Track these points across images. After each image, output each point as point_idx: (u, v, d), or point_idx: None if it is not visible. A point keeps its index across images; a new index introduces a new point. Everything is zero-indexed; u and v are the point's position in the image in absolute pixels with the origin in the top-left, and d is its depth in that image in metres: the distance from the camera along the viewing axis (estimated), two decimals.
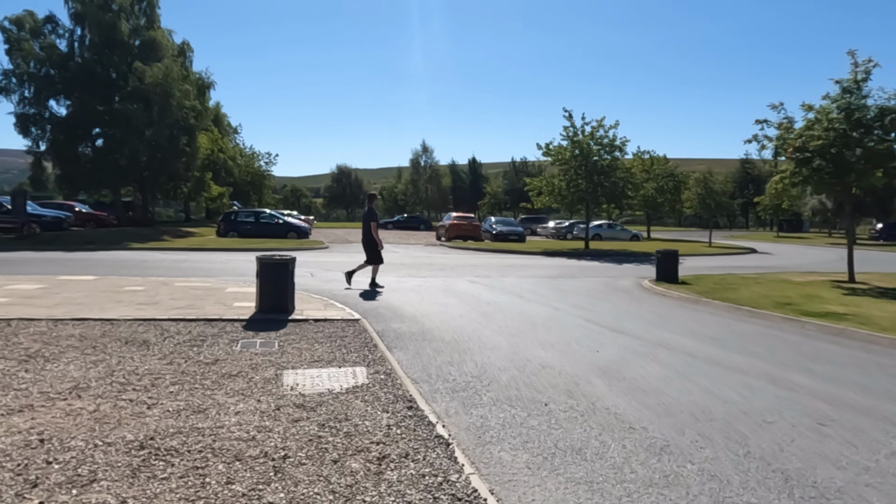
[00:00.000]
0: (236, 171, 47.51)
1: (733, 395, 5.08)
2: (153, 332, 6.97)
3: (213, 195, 36.92)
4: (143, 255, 18.53)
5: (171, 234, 28.57)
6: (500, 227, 33.70)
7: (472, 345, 6.86)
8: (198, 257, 18.43)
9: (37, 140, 27.87)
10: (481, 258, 22.14)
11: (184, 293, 9.96)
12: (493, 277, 15.11)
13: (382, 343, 6.75)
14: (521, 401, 4.71)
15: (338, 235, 37.25)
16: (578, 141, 27.36)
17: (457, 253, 24.96)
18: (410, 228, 55.21)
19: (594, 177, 27.18)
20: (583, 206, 29.32)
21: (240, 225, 28.95)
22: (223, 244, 23.38)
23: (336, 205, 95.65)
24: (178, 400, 4.52)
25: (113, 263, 15.69)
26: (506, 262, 20.23)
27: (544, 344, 7.03)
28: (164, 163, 27.68)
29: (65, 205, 31.25)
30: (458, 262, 19.87)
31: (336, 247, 26.39)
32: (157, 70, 26.44)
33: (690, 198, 36.70)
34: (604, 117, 27.01)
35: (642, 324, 8.73)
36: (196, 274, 13.62)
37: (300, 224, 31.08)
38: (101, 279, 11.67)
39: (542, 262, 21.25)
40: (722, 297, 11.58)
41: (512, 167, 73.01)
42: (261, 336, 7.02)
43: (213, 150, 35.61)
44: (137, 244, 22.12)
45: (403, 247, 28.38)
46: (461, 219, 33.24)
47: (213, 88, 33.00)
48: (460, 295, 11.43)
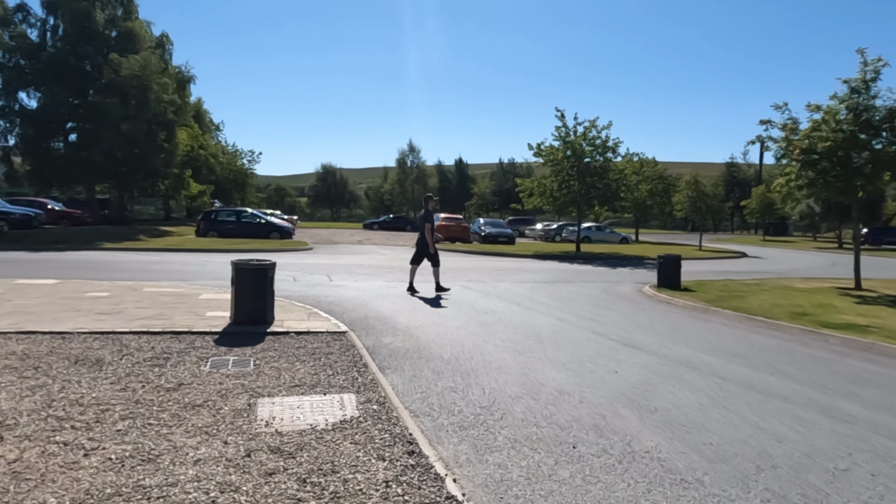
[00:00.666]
0: (218, 169, 46.31)
1: (786, 430, 4.36)
2: (110, 348, 6.09)
3: (192, 193, 35.73)
4: (114, 256, 17.49)
5: (147, 233, 27.43)
6: (489, 229, 33.01)
7: (475, 364, 6.08)
8: (173, 259, 17.44)
9: (5, 134, 26.59)
10: (472, 261, 21.39)
11: (152, 300, 9.05)
12: (486, 282, 14.36)
13: (374, 362, 5.95)
14: (543, 441, 3.94)
15: (322, 236, 36.30)
16: (571, 141, 26.73)
17: (446, 255, 24.14)
18: (397, 229, 54.35)
19: (587, 178, 26.57)
20: (574, 208, 28.70)
21: (220, 224, 27.90)
22: (201, 245, 22.35)
23: (321, 204, 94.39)
24: (126, 442, 3.68)
25: (81, 265, 14.67)
26: (498, 266, 19.50)
27: (555, 363, 6.28)
28: (141, 159, 26.52)
29: (36, 202, 29.96)
30: (449, 265, 19.08)
31: (320, 248, 25.47)
32: (133, 62, 25.30)
33: (681, 200, 36.33)
34: (597, 117, 26.43)
35: (655, 337, 8.01)
36: (169, 277, 12.67)
37: (283, 224, 30.10)
38: (63, 283, 10.69)
39: (534, 265, 20.55)
40: (731, 305, 10.94)
41: (500, 168, 72.42)
42: (234, 353, 6.18)
43: (193, 147, 34.42)
44: (110, 244, 21.03)
45: (391, 248, 27.55)
46: (450, 220, 32.49)
47: (193, 83, 31.90)
48: (455, 303, 10.65)
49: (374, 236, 40.29)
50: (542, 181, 27.88)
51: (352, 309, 9.41)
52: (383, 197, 74.11)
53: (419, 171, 65.01)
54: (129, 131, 25.13)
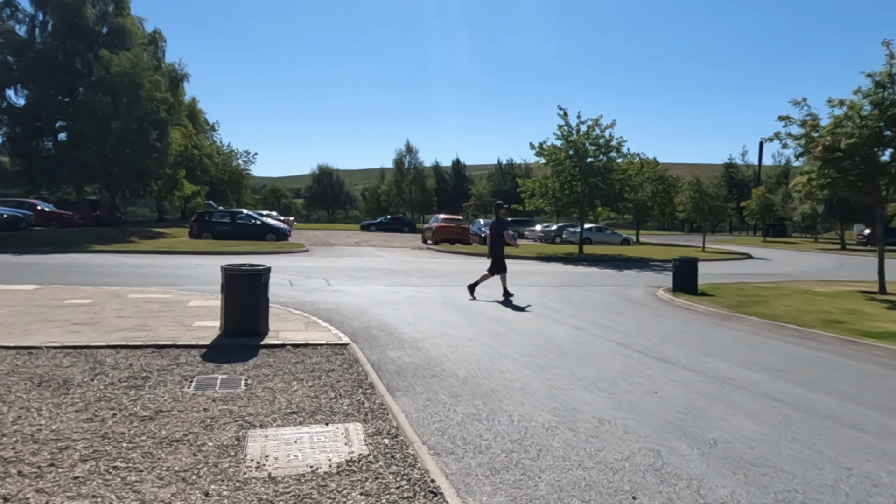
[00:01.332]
0: (213, 170, 45.54)
1: (877, 470, 3.68)
2: (82, 365, 5.38)
3: (186, 194, 34.94)
4: (102, 259, 16.73)
5: (139, 234, 26.64)
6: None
7: (495, 384, 5.39)
8: (163, 262, 16.69)
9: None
10: (474, 263, 20.69)
11: (136, 308, 8.33)
12: (492, 287, 13.66)
13: (381, 382, 5.25)
14: (595, 489, 3.25)
15: (319, 238, 35.57)
16: (573, 141, 26.08)
17: (447, 257, 23.50)
18: (394, 230, 53.63)
19: (589, 178, 25.92)
20: (576, 209, 28.05)
21: (214, 226, 27.14)
22: (194, 247, 21.60)
23: (317, 205, 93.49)
24: (82, 496, 2.97)
25: (65, 268, 13.92)
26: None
27: (584, 382, 5.59)
28: (133, 158, 25.73)
29: (26, 203, 29.15)
30: (451, 267, 18.40)
31: (317, 250, 24.75)
32: (124, 59, 24.53)
33: (683, 201, 35.75)
34: (601, 116, 25.79)
35: (685, 348, 7.34)
36: (157, 282, 11.94)
37: (279, 225, 29.36)
38: (43, 289, 9.96)
39: (538, 268, 19.87)
40: (755, 311, 10.28)
41: (498, 169, 71.76)
42: (223, 370, 5.48)
43: (186, 147, 33.62)
44: (100, 246, 20.25)
45: (389, 250, 26.85)
46: (449, 221, 31.80)
47: (186, 81, 31.10)
48: (462, 309, 9.96)
49: (372, 238, 39.57)
50: (545, 181, 27.23)
51: (352, 317, 8.71)
52: (380, 198, 73.34)
53: (416, 172, 64.27)
54: (120, 130, 24.36)
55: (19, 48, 25.15)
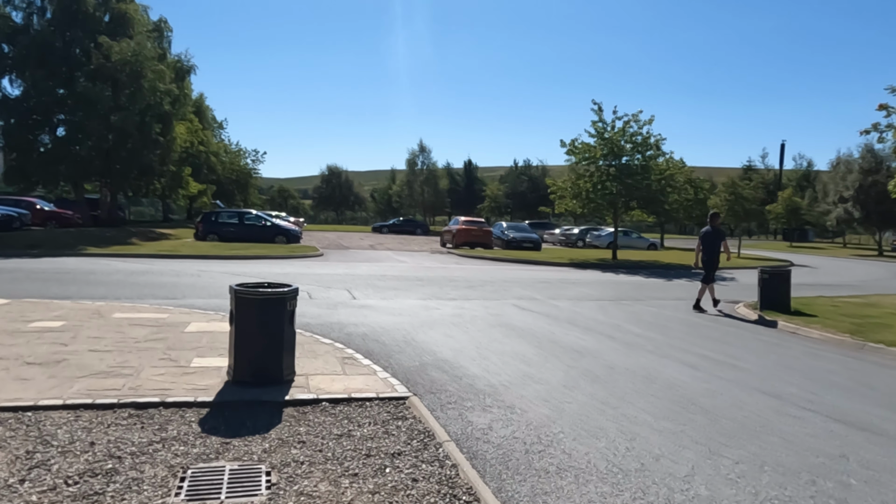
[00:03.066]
0: (220, 169, 43.73)
1: None
2: (15, 446, 3.47)
3: (192, 193, 33.12)
4: (94, 264, 14.88)
5: (141, 236, 24.82)
6: (513, 234, 30.34)
7: (668, 489, 3.42)
8: (163, 267, 14.81)
9: None
10: (505, 270, 18.75)
11: (118, 335, 6.41)
12: (540, 300, 11.73)
13: (486, 486, 3.28)
14: None
15: (330, 240, 33.72)
16: (609, 138, 24.10)
17: (473, 263, 21.55)
18: (406, 233, 51.74)
19: (625, 179, 23.91)
20: (609, 212, 26.04)
21: (221, 227, 25.31)
22: (199, 250, 19.74)
23: (325, 206, 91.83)
24: None
25: (49, 276, 12.05)
26: (538, 277, 16.85)
27: (800, 482, 3.62)
28: (134, 154, 23.88)
29: (24, 201, 27.41)
30: (482, 275, 16.47)
31: (332, 254, 22.86)
32: (126, 46, 22.72)
33: (717, 204, 33.62)
34: (640, 111, 23.80)
35: (862, 402, 5.38)
36: (152, 294, 10.04)
37: (290, 227, 27.50)
38: (10, 305, 8.07)
39: (578, 275, 17.89)
40: (886, 339, 8.27)
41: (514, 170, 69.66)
42: (233, 451, 3.57)
43: (192, 143, 31.78)
44: (95, 249, 18.41)
45: (408, 254, 24.94)
46: (470, 224, 29.81)
47: (194, 73, 29.22)
48: (526, 334, 8.01)
49: (386, 240, 37.69)
50: (577, 182, 25.19)
51: (397, 347, 6.78)
52: (391, 199, 71.34)
53: (429, 173, 62.30)
54: (120, 123, 22.53)
55: (14, 35, 23.39)
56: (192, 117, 32.62)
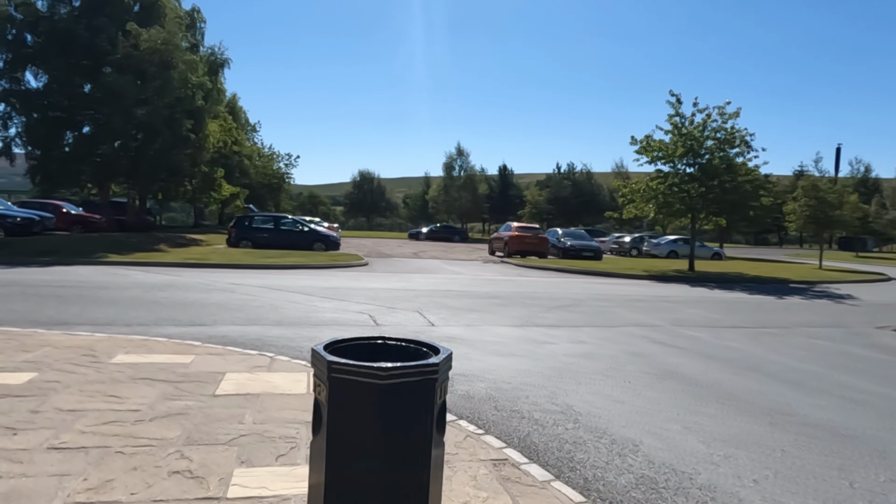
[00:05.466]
0: (252, 172, 41.91)
1: None
2: None
3: (224, 196, 31.15)
4: (109, 275, 12.64)
5: (169, 241, 22.78)
6: (571, 242, 27.54)
7: None
8: (190, 279, 12.49)
9: (5, 120, 22.18)
10: (579, 284, 16.02)
11: (111, 404, 3.90)
12: (663, 326, 9.04)
13: None
14: None
15: (369, 247, 31.38)
16: (687, 134, 21.19)
17: (537, 275, 18.86)
18: (444, 240, 49.32)
19: (708, 180, 20.96)
20: (687, 218, 23.04)
21: (255, 232, 23.18)
22: (231, 258, 17.48)
23: (356, 212, 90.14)
24: None
25: (50, 290, 9.78)
26: (626, 293, 14.06)
27: None
28: (162, 152, 21.86)
29: (50, 205, 25.71)
30: (560, 290, 13.78)
31: (377, 263, 20.42)
32: (156, 33, 20.74)
33: (796, 210, 30.23)
34: (728, 102, 20.85)
35: None
36: (174, 318, 7.61)
37: (328, 233, 25.23)
38: None
39: (670, 291, 15.06)
40: None
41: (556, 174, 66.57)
42: None
43: (226, 143, 29.79)
44: (116, 256, 16.28)
45: (458, 264, 22.38)
46: (525, 230, 27.09)
47: (227, 67, 27.17)
48: (719, 393, 5.31)
49: (426, 248, 35.25)
50: (651, 184, 22.28)
51: (561, 431, 4.13)
52: (428, 204, 68.89)
53: (467, 177, 59.66)
54: (147, 118, 20.53)
55: (37, 24, 21.62)
56: (226, 115, 30.68)
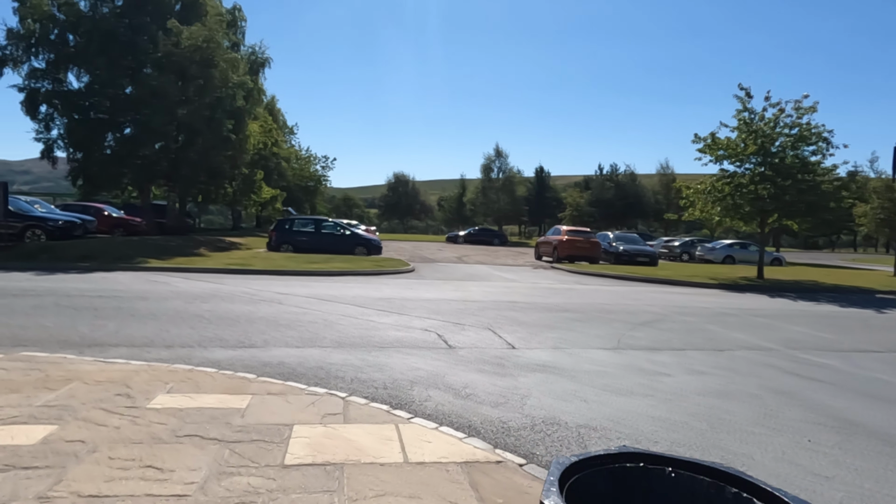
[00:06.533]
0: (290, 174, 41.42)
1: None
2: None
3: (264, 198, 30.55)
4: (150, 282, 11.83)
5: (209, 245, 22.16)
6: (624, 246, 26.00)
7: None
8: (234, 287, 11.59)
9: (47, 122, 21.89)
10: (644, 293, 14.64)
11: (145, 496, 2.83)
12: (780, 351, 7.67)
13: None
14: None
15: (409, 251, 30.41)
16: (758, 130, 19.51)
17: (595, 282, 17.48)
18: (483, 243, 48.14)
19: (783, 180, 19.24)
20: (755, 221, 21.29)
21: (296, 236, 22.41)
22: (273, 263, 16.63)
23: (391, 214, 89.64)
24: None
25: (87, 301, 8.94)
26: (704, 305, 12.60)
27: None
28: (203, 154, 21.25)
29: (92, 207, 25.47)
30: (626, 300, 12.42)
31: (422, 268, 19.38)
32: (197, 31, 20.12)
33: (867, 212, 28.07)
34: (805, 95, 19.14)
35: None
36: (220, 337, 6.60)
37: (371, 237, 24.29)
38: None
39: (751, 303, 13.53)
40: None
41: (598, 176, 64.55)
42: None
43: (266, 144, 29.19)
44: (156, 261, 15.58)
45: (507, 269, 21.18)
46: (575, 234, 25.65)
47: (268, 66, 26.57)
48: None
49: (468, 252, 34.10)
50: (716, 185, 20.62)
51: None
52: (464, 207, 67.69)
53: (506, 179, 58.24)
54: (187, 118, 19.91)
55: (79, 23, 21.26)
56: (266, 116, 30.08)
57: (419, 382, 5.25)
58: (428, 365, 5.95)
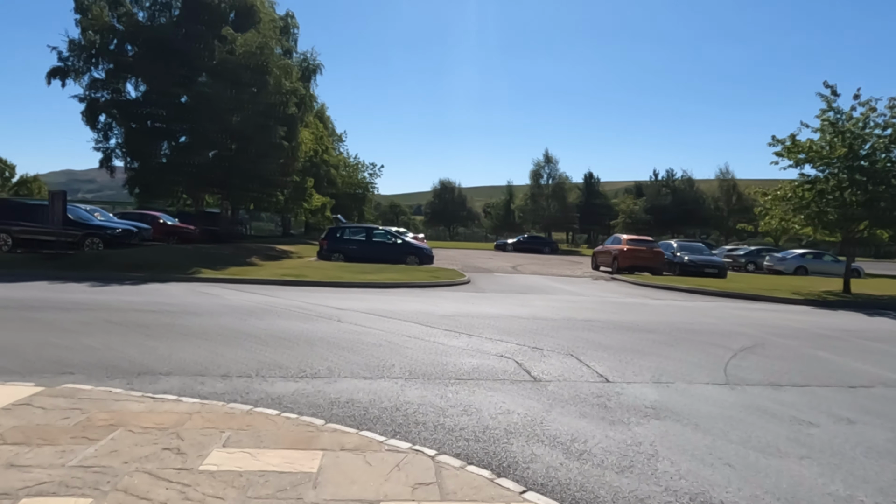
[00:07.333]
0: (339, 182, 41.34)
1: None
2: None
3: (315, 206, 30.37)
4: (203, 295, 11.38)
5: (260, 254, 21.91)
6: (689, 257, 24.46)
7: None
8: (288, 301, 10.99)
9: (106, 131, 22.13)
10: (729, 310, 13.31)
11: None
12: None
13: None
14: None
15: (458, 259, 29.63)
16: (846, 131, 17.83)
17: (668, 297, 16.20)
18: (533, 251, 46.94)
19: (876, 185, 17.51)
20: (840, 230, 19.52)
21: (347, 244, 21.94)
22: (326, 274, 16.08)
23: (436, 222, 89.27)
24: None
25: (139, 317, 8.44)
26: (799, 325, 11.22)
27: None
28: (255, 161, 21.06)
29: (148, 215, 25.74)
30: (721, 321, 11.19)
31: (477, 279, 18.49)
32: (251, 37, 19.94)
33: None
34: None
35: None
36: (278, 363, 5.87)
37: (422, 246, 23.64)
38: (20, 411, 4.15)
39: (851, 323, 12.06)
40: None
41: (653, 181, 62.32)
42: None
43: (317, 151, 29.00)
44: (209, 271, 15.24)
45: (565, 280, 20.09)
46: (637, 243, 24.30)
47: (319, 73, 26.38)
48: None
49: (519, 260, 33.10)
50: (797, 191, 18.97)
51: None
52: (512, 214, 66.52)
53: (556, 186, 56.82)
54: (240, 126, 19.72)
55: (138, 33, 21.44)
56: (316, 122, 29.92)
57: (516, 432, 4.37)
58: (519, 405, 5.06)
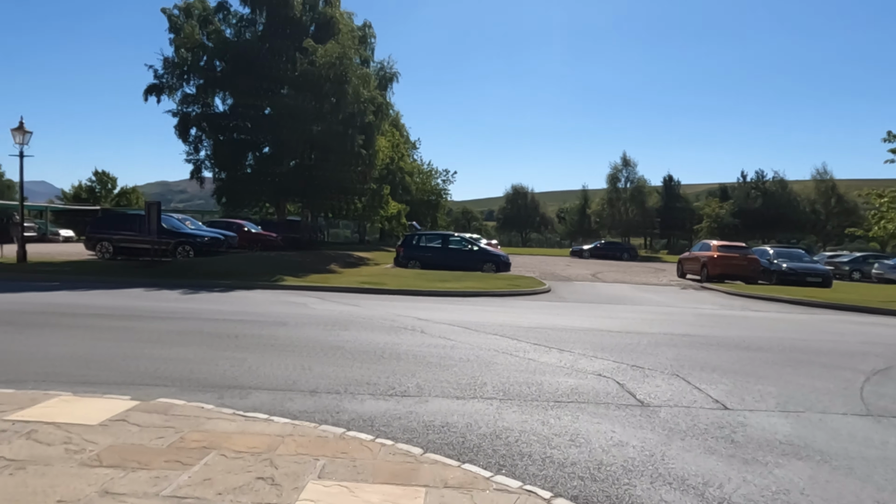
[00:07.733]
0: (413, 189, 41.65)
1: None
2: None
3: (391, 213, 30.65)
4: (287, 304, 11.47)
5: (339, 261, 22.24)
6: (788, 264, 22.62)
7: None
8: (371, 310, 10.86)
9: (196, 144, 23.23)
10: (843, 324, 12.03)
11: None
12: None
13: None
14: None
15: (534, 266, 28.92)
16: None
17: (769, 308, 14.91)
18: (610, 257, 45.36)
19: None
20: None
21: (423, 251, 21.85)
22: (404, 282, 15.96)
23: (509, 227, 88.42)
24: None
25: (228, 327, 8.52)
26: None
27: None
28: (334, 170, 21.40)
29: (234, 224, 26.81)
30: (840, 337, 10.05)
31: (557, 288, 17.82)
32: (332, 48, 20.30)
33: None
34: None
35: None
36: (367, 379, 5.61)
37: (499, 253, 23.23)
38: (117, 428, 4.07)
39: None
40: None
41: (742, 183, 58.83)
42: None
43: (393, 159, 29.26)
44: (292, 279, 15.49)
45: (651, 290, 19.05)
46: (728, 249, 22.75)
47: (396, 81, 26.65)
48: None
49: (599, 267, 31.96)
50: None
51: None
52: (588, 219, 64.77)
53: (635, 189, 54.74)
54: (321, 135, 20.09)
55: (225, 49, 22.36)
56: (392, 130, 30.20)
57: (636, 470, 3.85)
58: (631, 436, 4.52)
